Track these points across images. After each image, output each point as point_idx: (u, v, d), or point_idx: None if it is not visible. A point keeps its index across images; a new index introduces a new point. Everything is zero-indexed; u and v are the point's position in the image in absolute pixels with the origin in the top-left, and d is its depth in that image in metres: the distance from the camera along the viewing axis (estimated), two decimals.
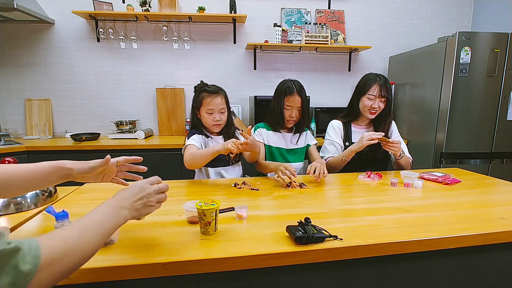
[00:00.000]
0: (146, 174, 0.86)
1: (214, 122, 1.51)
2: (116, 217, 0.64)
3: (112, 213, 0.64)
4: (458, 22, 3.25)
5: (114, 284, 0.72)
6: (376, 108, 1.62)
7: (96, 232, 0.58)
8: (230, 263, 0.75)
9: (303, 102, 1.58)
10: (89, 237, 0.56)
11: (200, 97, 1.51)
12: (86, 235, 0.56)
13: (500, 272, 0.97)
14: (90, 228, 0.58)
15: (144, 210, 0.71)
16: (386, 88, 1.60)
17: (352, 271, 0.85)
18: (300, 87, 1.60)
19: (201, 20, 2.85)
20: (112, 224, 0.63)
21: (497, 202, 1.20)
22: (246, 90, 3.06)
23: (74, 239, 0.53)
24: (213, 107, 1.49)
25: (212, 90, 1.50)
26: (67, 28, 2.76)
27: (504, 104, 2.40)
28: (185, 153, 1.45)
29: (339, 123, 1.75)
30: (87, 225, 0.58)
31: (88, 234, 0.57)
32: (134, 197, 0.69)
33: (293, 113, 1.60)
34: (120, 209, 0.65)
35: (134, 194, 0.70)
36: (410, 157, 1.70)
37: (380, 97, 1.61)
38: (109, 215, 0.63)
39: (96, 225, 0.59)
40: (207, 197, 0.92)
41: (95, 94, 2.89)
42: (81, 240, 0.55)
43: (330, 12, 3.03)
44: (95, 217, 0.61)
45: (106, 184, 1.38)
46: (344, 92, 3.24)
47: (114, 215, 0.64)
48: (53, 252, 0.49)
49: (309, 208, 1.09)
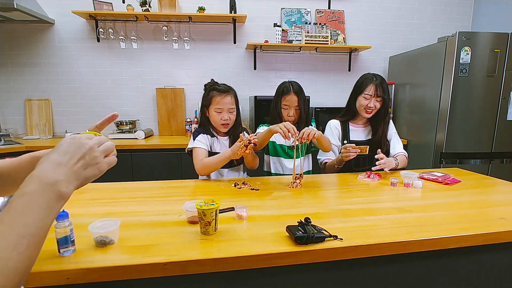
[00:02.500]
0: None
1: (223, 122, 1.51)
2: (48, 207, 0.44)
3: (43, 202, 0.44)
4: (458, 22, 3.25)
5: (114, 284, 0.72)
6: (372, 107, 1.63)
7: (23, 243, 0.41)
8: (230, 263, 0.75)
9: (300, 101, 1.60)
10: (13, 253, 0.40)
11: (210, 96, 1.51)
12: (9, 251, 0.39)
13: (500, 272, 0.97)
14: (10, 241, 0.40)
15: (88, 173, 0.51)
16: (382, 88, 1.61)
17: (352, 271, 0.85)
18: (298, 87, 1.62)
19: (201, 20, 2.85)
20: (44, 218, 0.44)
21: (497, 202, 1.20)
22: (246, 90, 3.06)
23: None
24: (222, 106, 1.49)
25: (223, 89, 1.50)
26: (67, 28, 2.76)
27: (504, 104, 2.40)
28: (195, 159, 1.47)
29: (337, 122, 1.76)
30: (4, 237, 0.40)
31: (10, 249, 0.40)
32: (71, 159, 0.49)
33: (291, 113, 1.62)
34: (52, 188, 0.45)
35: (68, 154, 0.49)
36: (404, 152, 1.70)
37: (376, 96, 1.62)
38: (37, 205, 0.43)
39: (19, 230, 0.41)
40: (207, 197, 0.92)
41: (95, 94, 2.89)
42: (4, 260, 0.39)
43: (330, 12, 3.03)
44: (18, 222, 0.41)
45: (106, 184, 1.38)
46: (344, 92, 3.24)
47: (45, 205, 0.44)
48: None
49: (309, 208, 1.09)
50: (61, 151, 0.49)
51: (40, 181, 0.45)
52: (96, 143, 0.53)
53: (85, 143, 0.51)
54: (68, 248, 0.73)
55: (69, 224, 0.74)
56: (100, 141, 0.54)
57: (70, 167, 0.49)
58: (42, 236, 0.44)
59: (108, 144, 0.55)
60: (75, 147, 0.50)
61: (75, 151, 0.50)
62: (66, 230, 0.72)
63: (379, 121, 1.69)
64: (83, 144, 0.51)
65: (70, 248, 0.74)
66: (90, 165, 0.51)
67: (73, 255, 0.74)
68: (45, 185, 0.45)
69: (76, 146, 0.50)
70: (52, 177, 0.46)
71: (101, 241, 0.77)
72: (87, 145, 0.51)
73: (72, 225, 0.74)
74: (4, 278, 0.38)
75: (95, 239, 0.78)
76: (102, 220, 0.82)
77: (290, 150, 1.70)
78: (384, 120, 1.69)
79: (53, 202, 0.45)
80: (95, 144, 0.53)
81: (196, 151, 1.48)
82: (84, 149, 0.51)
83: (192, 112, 3.02)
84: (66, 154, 0.49)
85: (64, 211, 0.73)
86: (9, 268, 0.39)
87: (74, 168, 0.49)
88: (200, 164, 1.44)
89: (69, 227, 0.73)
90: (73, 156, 0.49)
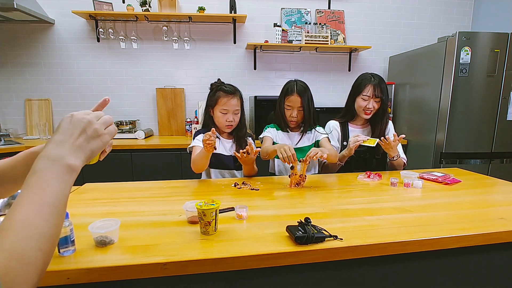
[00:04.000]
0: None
1: (227, 123, 1.51)
2: (61, 179, 0.47)
3: (54, 175, 0.46)
4: (458, 22, 3.25)
5: (114, 284, 0.72)
6: (371, 108, 1.61)
7: (50, 211, 0.44)
8: (230, 263, 0.75)
9: (303, 102, 1.57)
10: (41, 225, 0.42)
11: (216, 96, 1.50)
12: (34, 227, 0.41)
13: (500, 272, 0.97)
14: (35, 215, 0.42)
15: (92, 146, 0.53)
16: (381, 88, 1.59)
17: (352, 271, 0.85)
18: (302, 87, 1.58)
19: (201, 20, 2.85)
20: (59, 189, 0.46)
21: (497, 202, 1.20)
22: (246, 90, 3.06)
23: (22, 241, 0.40)
24: (228, 107, 1.48)
25: (229, 90, 1.50)
26: (67, 28, 2.76)
27: (504, 104, 2.40)
28: (192, 156, 1.48)
29: (336, 123, 1.75)
30: (29, 213, 0.42)
31: (34, 224, 0.42)
32: (72, 136, 0.51)
33: (294, 113, 1.60)
34: (60, 162, 0.47)
35: (69, 132, 0.51)
36: (404, 158, 1.70)
37: (374, 97, 1.60)
38: (50, 178, 0.46)
39: (43, 203, 0.44)
40: (207, 197, 0.92)
41: (95, 94, 2.89)
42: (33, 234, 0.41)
43: (330, 12, 3.03)
44: (36, 194, 0.44)
45: (106, 184, 1.38)
46: (344, 92, 3.23)
47: (57, 177, 0.46)
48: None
49: (309, 208, 1.09)
50: (61, 131, 0.51)
51: (47, 159, 0.47)
52: (94, 116, 0.54)
53: (82, 118, 0.53)
54: (68, 248, 0.73)
55: (69, 224, 0.74)
56: (98, 115, 0.56)
57: (73, 143, 0.50)
58: (62, 206, 0.47)
59: (106, 117, 0.57)
60: (73, 124, 0.52)
61: (74, 127, 0.51)
62: (66, 230, 0.72)
63: (377, 121, 1.68)
64: (81, 119, 0.52)
65: (70, 248, 0.74)
66: (93, 138, 0.53)
67: (73, 255, 0.74)
68: (53, 161, 0.47)
69: (74, 123, 0.52)
70: (56, 153, 0.48)
71: (101, 241, 0.78)
72: (85, 119, 0.53)
73: (72, 225, 0.75)
74: (38, 242, 0.41)
75: (95, 239, 0.78)
76: (102, 220, 0.82)
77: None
78: (382, 121, 1.68)
79: (64, 175, 0.47)
80: (94, 117, 0.54)
81: (194, 149, 1.49)
82: (83, 123, 0.52)
83: (192, 112, 3.02)
84: (67, 132, 0.51)
85: None
86: (39, 233, 0.42)
87: (76, 142, 0.51)
88: (191, 162, 1.45)
89: (69, 227, 0.73)
90: (73, 132, 0.51)
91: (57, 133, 0.51)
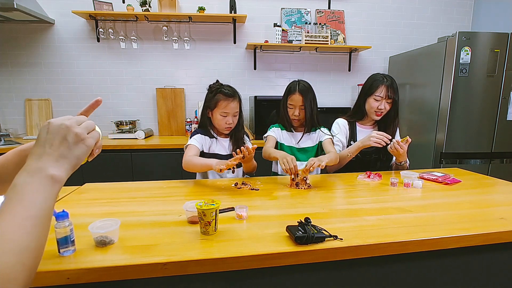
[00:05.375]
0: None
1: (227, 125, 1.52)
2: (43, 190, 0.46)
3: (36, 187, 0.45)
4: (458, 22, 3.25)
5: (114, 284, 0.72)
6: (382, 109, 1.60)
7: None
8: (230, 263, 0.75)
9: (305, 101, 1.58)
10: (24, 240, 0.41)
11: (215, 99, 1.49)
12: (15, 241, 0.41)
13: (500, 272, 0.97)
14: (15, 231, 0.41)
15: (77, 152, 0.51)
16: (393, 89, 1.59)
17: (352, 271, 0.85)
18: (304, 86, 1.59)
19: (201, 20, 2.85)
20: (42, 201, 0.45)
21: (497, 202, 1.20)
22: (246, 90, 3.06)
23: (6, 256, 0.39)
24: (228, 110, 1.48)
25: (229, 93, 1.49)
26: (67, 28, 2.76)
27: (504, 104, 2.40)
28: (185, 153, 1.47)
29: (345, 121, 1.74)
30: (9, 229, 0.41)
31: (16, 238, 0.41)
32: (51, 146, 0.49)
33: (296, 112, 1.61)
34: (41, 174, 0.46)
35: (48, 143, 0.49)
36: (407, 161, 1.69)
37: (387, 98, 1.59)
38: (31, 191, 0.44)
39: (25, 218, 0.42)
40: (207, 197, 0.92)
41: (95, 94, 2.89)
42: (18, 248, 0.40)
43: (330, 12, 3.03)
44: (16, 207, 0.43)
45: (106, 184, 1.38)
46: (344, 92, 3.24)
47: (38, 189, 0.45)
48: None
49: (309, 208, 1.09)
50: (40, 142, 0.49)
51: (27, 172, 0.46)
52: (74, 121, 0.53)
53: (60, 125, 0.50)
54: (68, 248, 0.73)
55: (69, 224, 0.74)
56: (79, 120, 0.54)
57: (53, 153, 0.48)
58: (46, 217, 0.45)
59: (89, 122, 0.55)
60: (52, 133, 0.50)
61: (53, 136, 0.50)
62: (66, 230, 0.72)
63: (388, 123, 1.67)
64: (59, 126, 0.50)
65: (70, 248, 0.74)
66: (75, 144, 0.51)
67: (73, 255, 0.74)
68: (33, 173, 0.46)
69: (53, 131, 0.50)
70: (37, 167, 0.47)
71: (101, 241, 0.78)
72: (63, 125, 0.50)
73: (72, 225, 0.74)
74: (20, 257, 0.40)
75: (95, 239, 0.78)
76: (102, 220, 0.82)
77: (298, 152, 1.68)
78: (393, 123, 1.66)
79: (46, 186, 0.46)
80: (74, 122, 0.52)
81: (188, 147, 1.49)
82: (62, 130, 0.50)
83: (192, 112, 3.02)
84: (46, 142, 0.49)
85: (64, 211, 0.73)
86: (21, 247, 0.41)
87: (58, 151, 0.49)
88: (186, 159, 1.42)
89: (69, 227, 0.73)
90: (52, 142, 0.49)
91: (36, 146, 0.49)
